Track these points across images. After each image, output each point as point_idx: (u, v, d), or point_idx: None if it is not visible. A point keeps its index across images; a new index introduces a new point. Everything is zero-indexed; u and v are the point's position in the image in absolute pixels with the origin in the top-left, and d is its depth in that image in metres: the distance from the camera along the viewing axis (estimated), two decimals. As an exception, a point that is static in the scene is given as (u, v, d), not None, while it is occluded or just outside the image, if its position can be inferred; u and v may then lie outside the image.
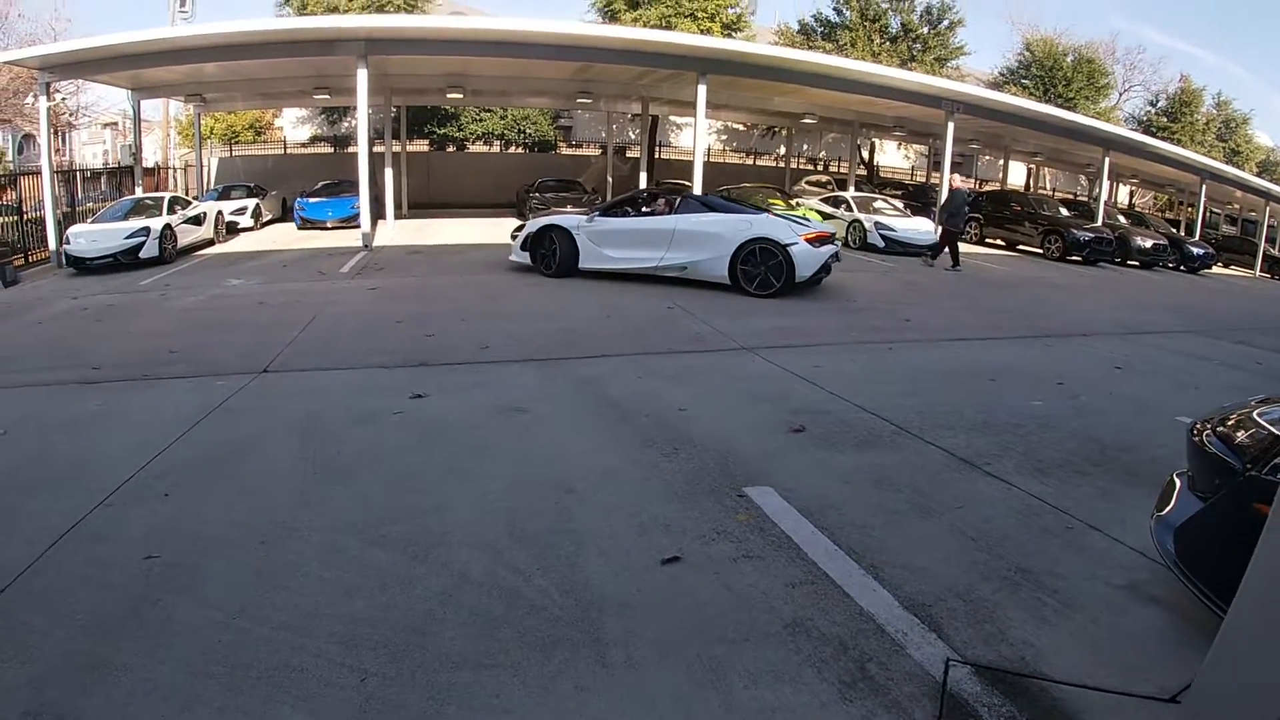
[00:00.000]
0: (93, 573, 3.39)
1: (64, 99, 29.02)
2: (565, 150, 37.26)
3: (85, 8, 71.26)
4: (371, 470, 4.50)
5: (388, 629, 2.93)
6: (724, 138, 40.08)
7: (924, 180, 32.96)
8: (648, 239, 11.30)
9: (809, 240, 10.69)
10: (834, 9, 32.20)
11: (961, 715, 2.53)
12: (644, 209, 11.90)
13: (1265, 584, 1.64)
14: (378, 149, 22.35)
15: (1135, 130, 32.82)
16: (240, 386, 6.30)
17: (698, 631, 2.94)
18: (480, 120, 34.11)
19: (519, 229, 12.66)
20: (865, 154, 33.57)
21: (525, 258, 12.20)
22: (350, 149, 30.43)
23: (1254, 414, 3.08)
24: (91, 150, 43.02)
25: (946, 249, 15.80)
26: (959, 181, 16.33)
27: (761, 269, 10.55)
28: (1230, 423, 3.06)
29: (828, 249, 10.94)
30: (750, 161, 37.90)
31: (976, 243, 22.44)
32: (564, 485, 4.27)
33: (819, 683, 2.66)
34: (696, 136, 18.82)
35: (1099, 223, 21.95)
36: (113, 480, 4.40)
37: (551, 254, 11.82)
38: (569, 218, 12.23)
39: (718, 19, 27.90)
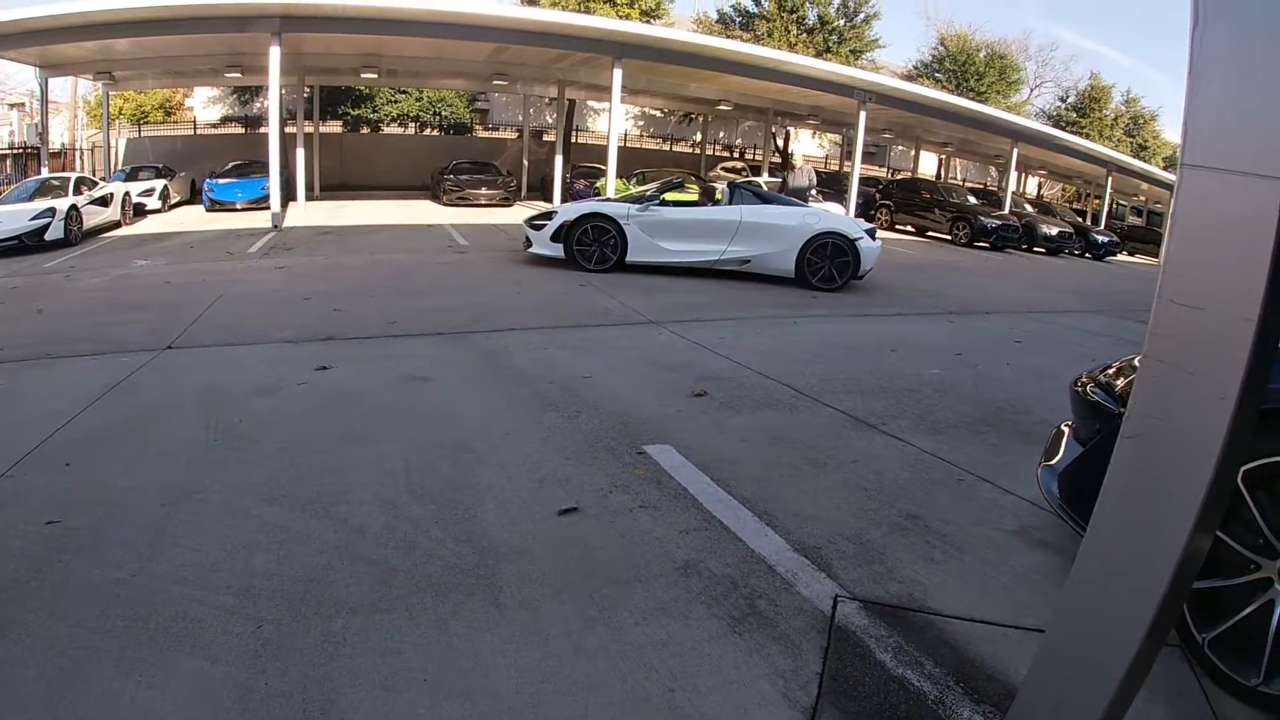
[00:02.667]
0: (-8, 538, 3.34)
1: (-33, 77, 27.47)
2: (482, 133, 36.84)
3: None
4: (273, 436, 4.48)
5: (284, 580, 2.96)
6: (641, 123, 40.09)
7: (838, 169, 33.54)
8: (709, 231, 10.62)
9: (867, 233, 10.74)
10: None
11: (849, 646, 2.66)
12: (689, 198, 11.44)
13: (1115, 505, 1.76)
14: (290, 130, 21.80)
15: (1046, 124, 33.97)
16: (143, 363, 6.14)
17: (591, 574, 3.04)
18: (395, 102, 33.46)
19: (541, 216, 11.28)
20: (780, 142, 34.05)
21: (556, 250, 10.81)
22: (262, 130, 29.42)
23: (1134, 361, 3.20)
24: (-2, 132, 40.82)
25: None
26: (801, 167, 16.53)
27: (827, 263, 10.42)
28: (1110, 372, 3.24)
29: (879, 242, 10.94)
30: (667, 147, 38.04)
31: (887, 228, 23.00)
32: (464, 446, 4.33)
33: (709, 618, 2.78)
34: (611, 121, 18.83)
35: (1006, 210, 22.68)
36: (14, 453, 4.27)
37: (598, 246, 10.67)
38: (613, 205, 11.09)
39: (636, 5, 27.93)
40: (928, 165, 40.16)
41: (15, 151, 23.24)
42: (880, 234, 20.49)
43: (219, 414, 4.90)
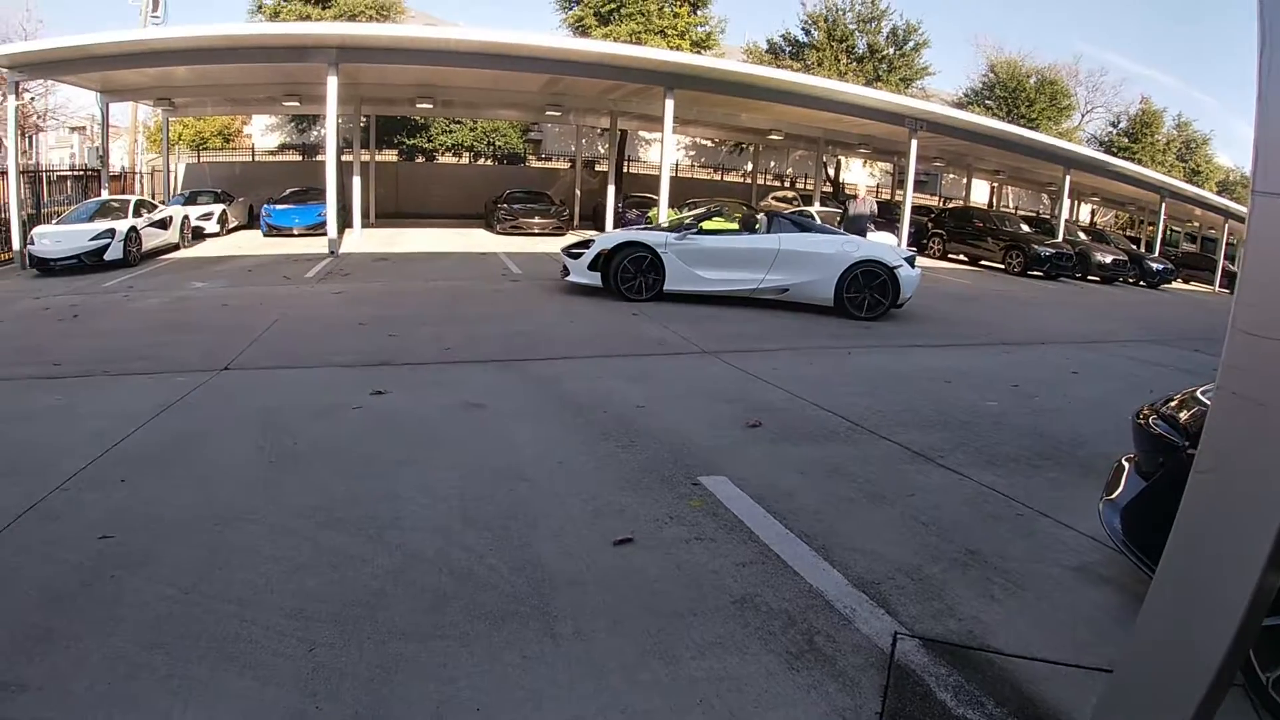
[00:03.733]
0: (47, 551, 3.40)
1: (32, 99, 28.58)
2: (534, 163, 37.33)
3: (57, 10, 70.57)
4: (328, 460, 4.53)
5: (338, 604, 2.97)
6: (692, 153, 40.41)
7: (889, 197, 33.40)
8: (747, 259, 10.61)
9: (907, 260, 10.72)
10: (802, 29, 32.83)
11: (909, 685, 2.60)
12: (727, 226, 11.42)
13: (1186, 541, 1.71)
14: (346, 158, 22.29)
15: (1097, 150, 33.52)
16: (200, 383, 6.28)
17: (647, 607, 3.01)
18: (450, 132, 34.10)
19: (578, 245, 11.27)
20: (831, 171, 33.99)
21: (594, 278, 10.78)
22: (319, 157, 30.29)
23: (1197, 393, 3.15)
24: (58, 154, 42.32)
25: None
26: (863, 197, 16.58)
27: (866, 291, 10.37)
28: (1173, 404, 3.16)
29: (918, 270, 10.92)
30: (718, 177, 38.22)
31: (939, 258, 22.82)
32: (518, 474, 4.33)
33: (766, 654, 2.72)
34: (664, 151, 18.98)
35: (1060, 239, 22.35)
36: (70, 468, 4.39)
37: (638, 275, 10.61)
38: (650, 234, 11.11)
39: (687, 36, 28.21)
40: (980, 193, 39.81)
41: (76, 174, 24.03)
42: (933, 264, 20.82)
43: (274, 436, 4.98)
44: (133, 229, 15.06)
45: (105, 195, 19.20)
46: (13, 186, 15.93)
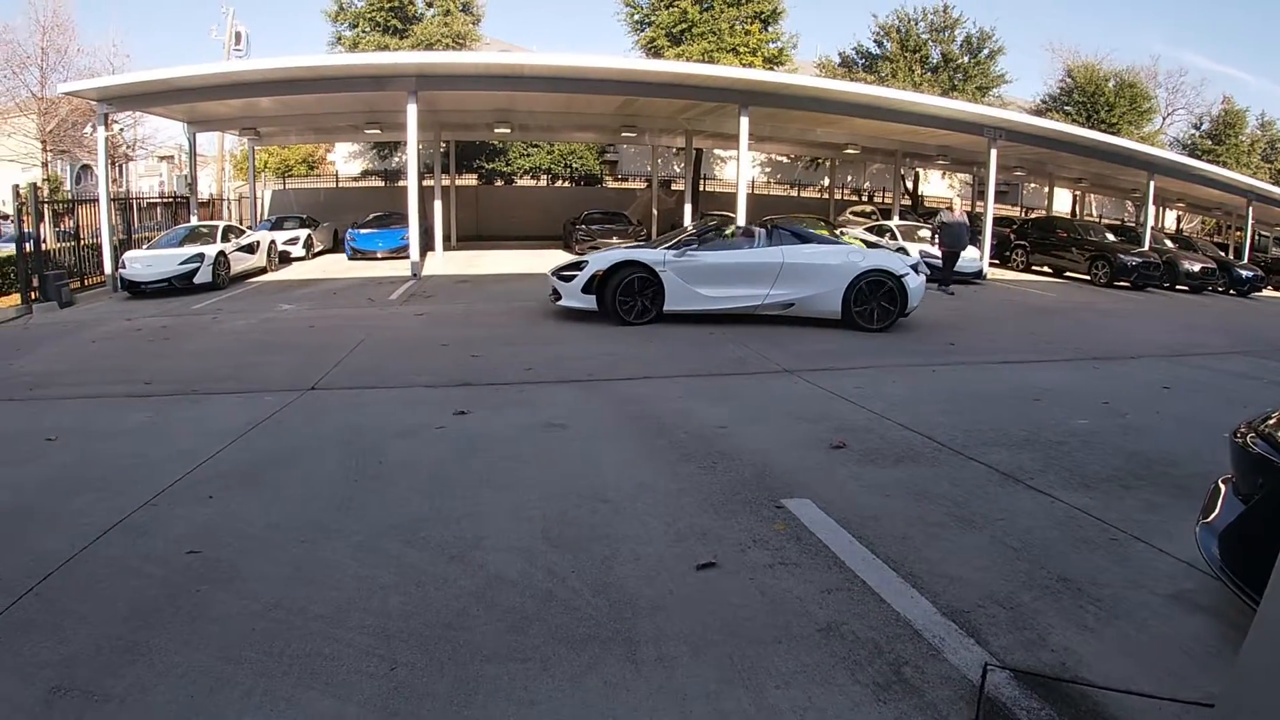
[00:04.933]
0: (134, 565, 3.51)
1: (121, 130, 29.96)
2: (611, 184, 37.73)
3: (143, 44, 74.59)
4: (411, 479, 4.60)
5: (420, 623, 2.98)
6: (768, 170, 40.29)
7: (969, 208, 32.75)
8: (750, 274, 10.34)
9: (913, 268, 10.57)
10: (874, 41, 32.57)
11: (999, 719, 2.50)
12: (731, 241, 11.11)
13: None
14: (427, 183, 22.86)
15: (1180, 153, 32.37)
16: (287, 402, 6.48)
17: (731, 633, 2.94)
18: (528, 155, 34.71)
19: (570, 267, 10.72)
20: (909, 183, 33.50)
21: (588, 302, 10.36)
22: (400, 183, 31.11)
23: None
24: (148, 182, 44.34)
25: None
26: (958, 209, 16.29)
27: (874, 302, 10.24)
28: (1272, 422, 2.99)
29: (923, 277, 10.80)
30: (794, 193, 37.96)
31: (1023, 270, 22.29)
32: (600, 495, 4.31)
33: (852, 685, 2.64)
34: (740, 168, 18.96)
35: (1146, 247, 21.63)
36: (159, 483, 4.55)
37: (636, 296, 10.25)
38: (647, 252, 10.59)
39: (759, 53, 28.27)
40: (1062, 202, 38.59)
41: (165, 200, 25.19)
42: (1017, 276, 20.30)
43: (359, 455, 5.07)
44: (221, 253, 15.67)
45: (194, 221, 20.03)
46: (104, 213, 16.77)
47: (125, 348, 9.52)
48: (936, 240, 16.55)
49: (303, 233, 22.33)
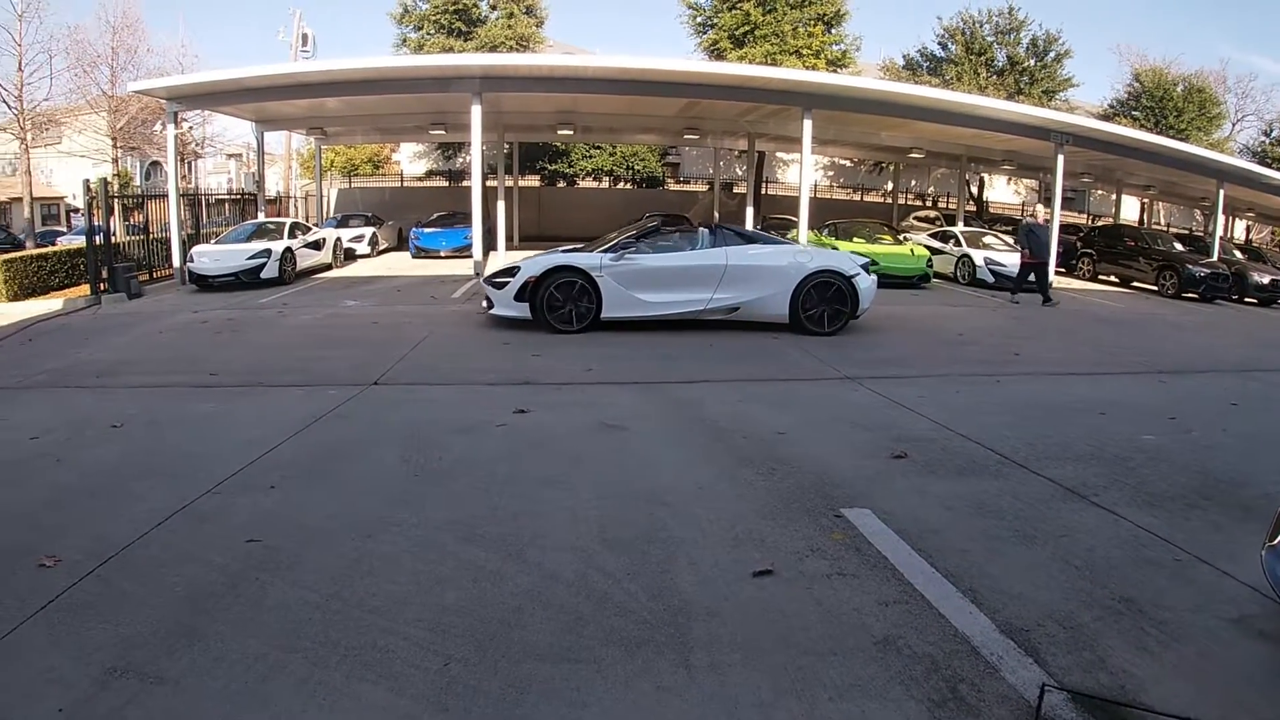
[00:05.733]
0: (195, 551, 3.58)
1: (190, 128, 30.93)
2: (672, 186, 37.65)
3: (211, 45, 76.80)
4: (470, 475, 4.63)
5: (475, 619, 2.98)
6: (831, 173, 39.81)
7: (1034, 216, 32.01)
8: (692, 277, 9.91)
9: (863, 268, 10.23)
10: (939, 43, 32.09)
11: None
12: (675, 243, 10.54)
13: None
14: (491, 183, 23.08)
15: (1250, 161, 31.19)
16: (350, 397, 6.58)
17: (785, 642, 2.90)
18: (590, 157, 34.87)
19: (503, 273, 10.20)
20: (974, 189, 32.91)
21: (522, 310, 9.84)
22: (464, 183, 31.51)
23: None
24: (216, 179, 45.63)
25: (1032, 279, 15.38)
26: (1042, 216, 15.84)
27: (823, 305, 9.94)
28: None
29: (874, 277, 10.47)
30: (857, 197, 37.46)
31: (1089, 279, 21.67)
32: (658, 498, 4.28)
33: (907, 700, 2.58)
34: (803, 171, 18.73)
35: (1214, 258, 20.90)
36: (222, 472, 4.65)
37: (570, 303, 9.76)
38: (584, 256, 10.05)
39: (823, 55, 28.08)
40: (1129, 210, 37.52)
41: (233, 197, 25.89)
42: (1083, 285, 19.72)
43: (419, 450, 5.13)
44: (288, 249, 16.05)
45: (262, 218, 20.51)
46: (173, 208, 17.30)
47: (192, 339, 9.76)
48: (1021, 248, 15.91)
49: (367, 231, 22.77)
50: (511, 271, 10.03)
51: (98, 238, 14.67)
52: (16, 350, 9.78)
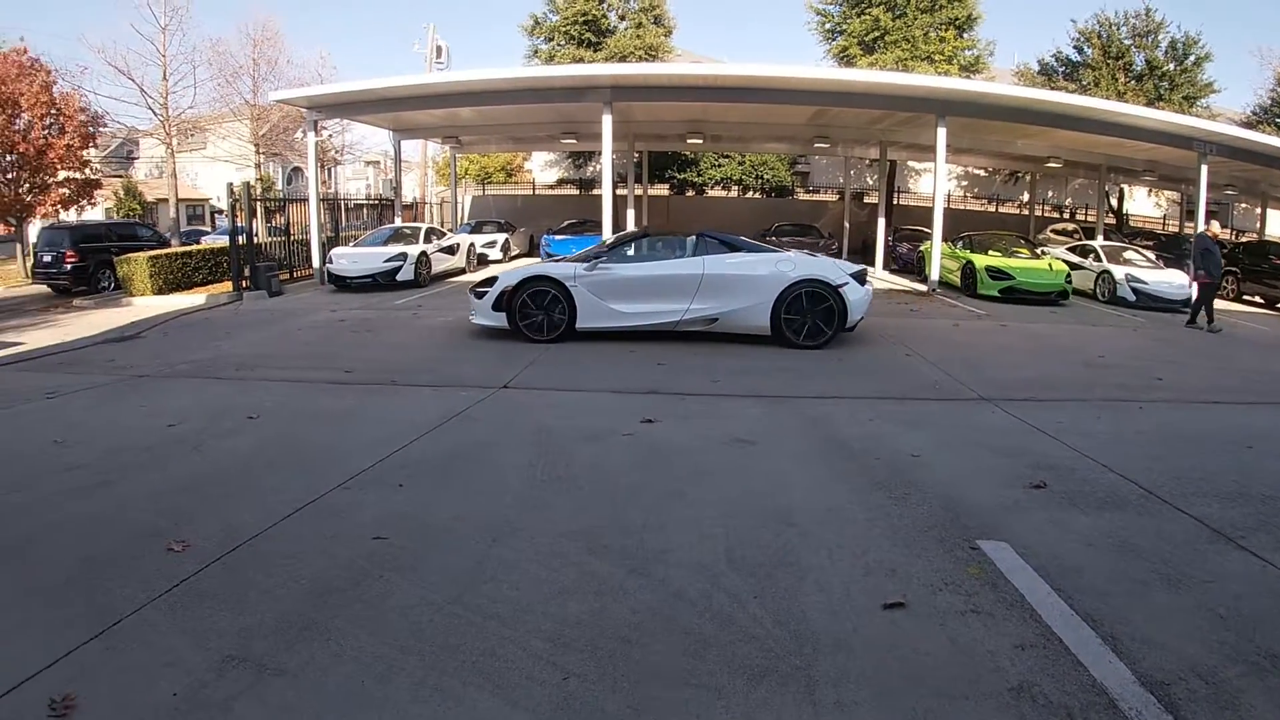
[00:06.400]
0: (322, 544, 3.65)
1: (330, 136, 32.36)
2: (802, 195, 37.13)
3: (349, 57, 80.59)
4: (597, 484, 4.59)
5: (596, 634, 2.91)
6: (964, 183, 38.37)
7: (1177, 230, 30.09)
8: (668, 287, 9.68)
9: (854, 277, 9.70)
10: (1074, 47, 30.48)
11: None
12: (655, 251, 10.41)
13: None
14: (621, 191, 23.27)
15: None
16: (480, 399, 6.68)
17: (915, 682, 2.73)
18: (719, 166, 34.77)
19: (484, 283, 10.20)
20: (1114, 201, 31.21)
21: (499, 320, 9.84)
22: (594, 191, 31.93)
23: None
24: (355, 185, 47.80)
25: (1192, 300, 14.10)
26: (1216, 229, 14.39)
27: (808, 316, 9.49)
28: None
29: (869, 287, 9.99)
30: (992, 208, 36.01)
31: (1233, 299, 20.15)
32: (786, 518, 4.12)
33: (1041, 755, 2.39)
34: (936, 181, 18.12)
35: None
36: (353, 467, 4.76)
37: (544, 313, 9.70)
38: (559, 266, 10.16)
39: (955, 61, 27.15)
40: (1276, 225, 34.72)
41: (371, 202, 26.98)
42: (1225, 305, 18.26)
43: (546, 456, 5.13)
44: (423, 254, 16.55)
45: (398, 223, 21.23)
46: (313, 212, 18.22)
47: (329, 337, 10.11)
48: (1194, 268, 14.23)
49: (500, 237, 23.30)
50: (491, 282, 10.05)
51: (240, 238, 15.47)
52: (160, 341, 10.35)
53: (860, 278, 9.76)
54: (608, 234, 17.33)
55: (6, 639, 2.94)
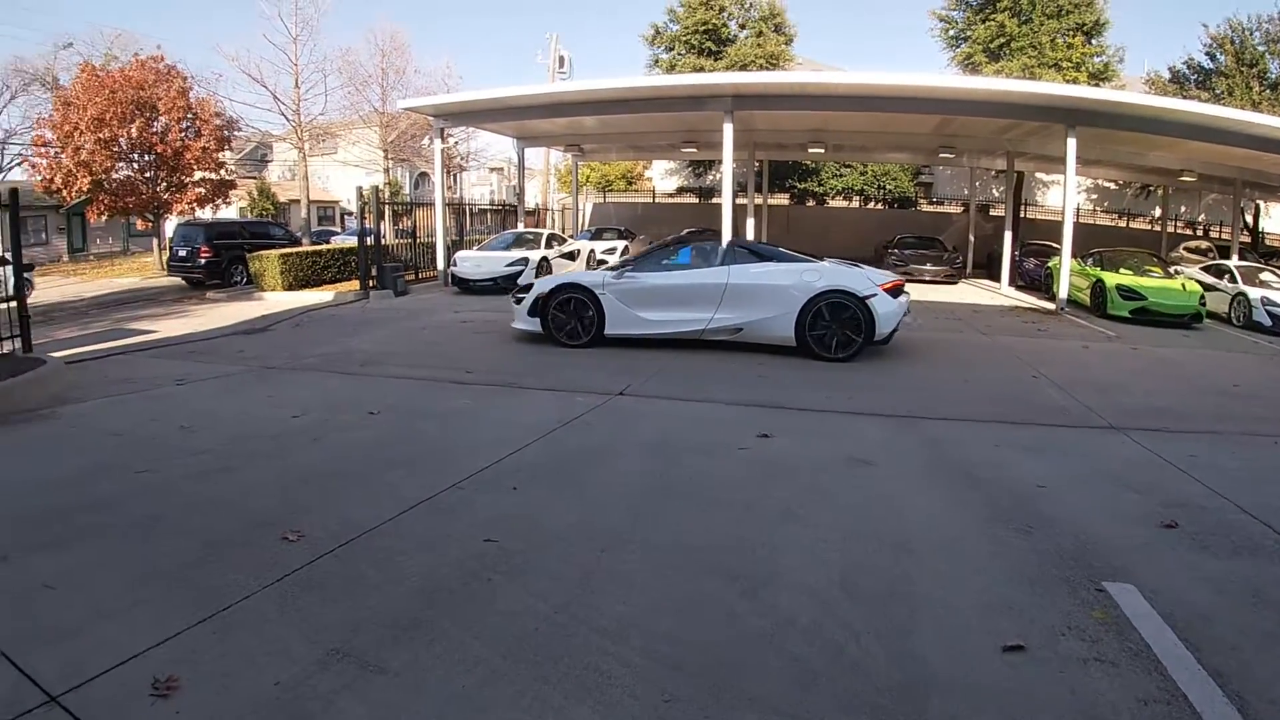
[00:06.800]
0: (433, 544, 3.67)
1: (456, 144, 33.31)
2: (925, 207, 36.10)
3: (472, 66, 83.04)
4: (711, 499, 4.49)
5: (702, 656, 2.82)
6: (1094, 197, 36.47)
7: None
8: (693, 296, 9.66)
9: (886, 289, 9.37)
10: (1206, 54, 28.66)
11: None
12: (681, 260, 10.32)
13: None
14: (740, 201, 23.09)
15: None
16: (596, 405, 6.68)
17: (1033, 734, 2.53)
18: (840, 175, 34.25)
19: (523, 290, 10.50)
20: (1248, 218, 29.25)
21: (534, 324, 10.07)
22: (713, 200, 31.82)
23: None
24: (479, 190, 49.04)
25: None
26: None
27: (834, 327, 9.22)
28: None
29: (904, 299, 9.63)
30: (1121, 223, 34.13)
31: None
32: (904, 546, 3.93)
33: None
34: (1066, 194, 17.16)
35: None
36: (468, 467, 4.81)
37: (575, 319, 9.82)
38: (589, 274, 10.43)
39: (1083, 68, 26.00)
40: None
41: (494, 208, 27.66)
42: None
43: (661, 466, 5.06)
44: (544, 259, 16.82)
45: (520, 228, 21.65)
46: (439, 216, 18.89)
47: (451, 337, 10.35)
48: None
49: (620, 244, 23.53)
50: (529, 289, 10.30)
51: (368, 239, 16.02)
52: (288, 335, 10.75)
53: (895, 292, 9.53)
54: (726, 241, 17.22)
55: (123, 614, 3.06)
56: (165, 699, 2.51)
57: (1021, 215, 28.66)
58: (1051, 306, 16.24)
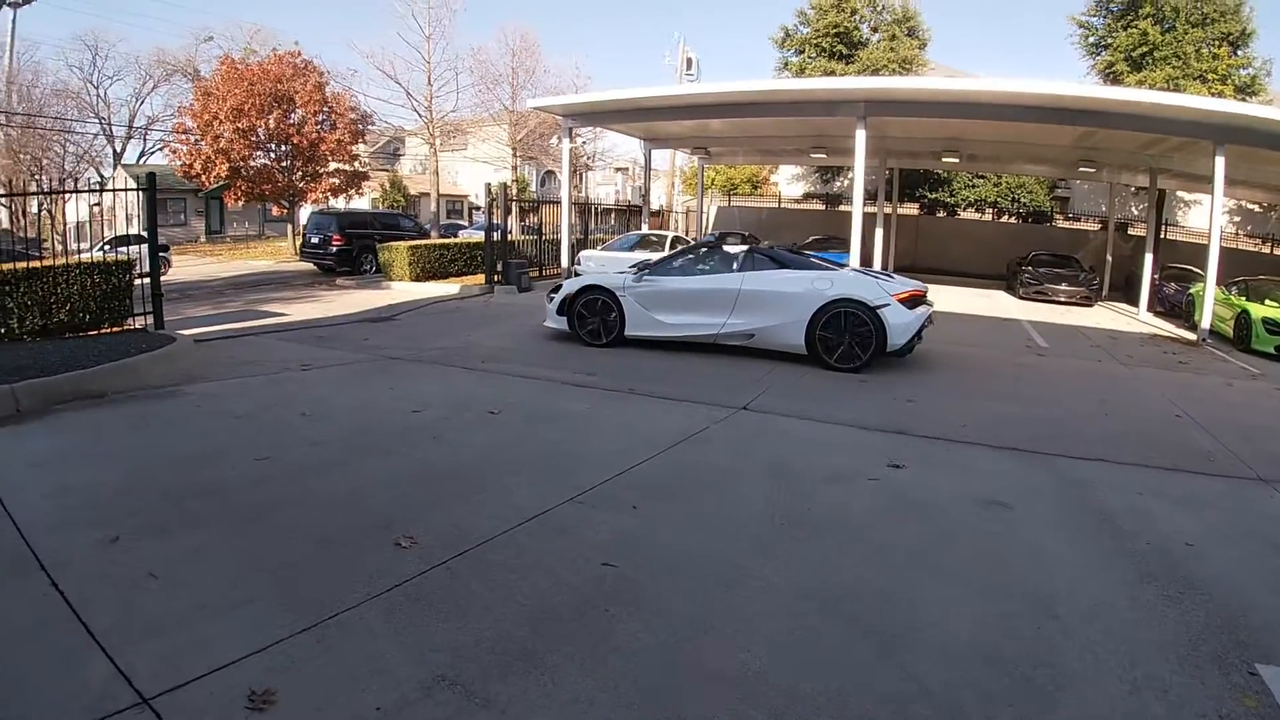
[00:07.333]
0: (549, 563, 3.55)
1: (583, 143, 33.60)
2: (1061, 223, 34.30)
3: (600, 66, 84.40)
4: (839, 535, 4.23)
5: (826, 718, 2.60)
6: (1236, 219, 33.81)
7: None
8: (707, 301, 9.76)
9: (902, 300, 9.08)
10: None
11: None
12: (702, 265, 10.36)
13: None
14: (869, 209, 22.52)
15: None
16: (719, 419, 6.49)
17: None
18: (973, 186, 32.98)
19: (554, 290, 10.85)
20: None
21: (561, 323, 10.42)
22: (840, 207, 31.20)
23: None
24: (604, 190, 49.41)
25: None
26: None
27: (845, 337, 9.03)
28: None
29: (923, 310, 9.32)
30: (1266, 249, 31.38)
31: None
32: (1046, 607, 3.59)
33: None
34: (1213, 216, 15.79)
35: None
36: (587, 480, 4.69)
37: (598, 319, 10.10)
38: (612, 277, 10.50)
39: (1229, 81, 24.29)
40: None
41: (619, 208, 27.82)
42: None
43: (786, 494, 4.82)
44: (670, 262, 16.64)
45: (645, 229, 21.61)
46: (565, 214, 19.06)
47: (572, 338, 10.26)
48: None
49: (743, 249, 23.05)
50: (559, 289, 10.64)
51: (495, 235, 16.25)
52: (413, 325, 10.95)
53: (912, 302, 9.30)
54: (855, 252, 16.80)
55: (225, 613, 3.04)
56: (260, 713, 2.45)
57: (1161, 236, 27.01)
58: (1192, 336, 15.14)
